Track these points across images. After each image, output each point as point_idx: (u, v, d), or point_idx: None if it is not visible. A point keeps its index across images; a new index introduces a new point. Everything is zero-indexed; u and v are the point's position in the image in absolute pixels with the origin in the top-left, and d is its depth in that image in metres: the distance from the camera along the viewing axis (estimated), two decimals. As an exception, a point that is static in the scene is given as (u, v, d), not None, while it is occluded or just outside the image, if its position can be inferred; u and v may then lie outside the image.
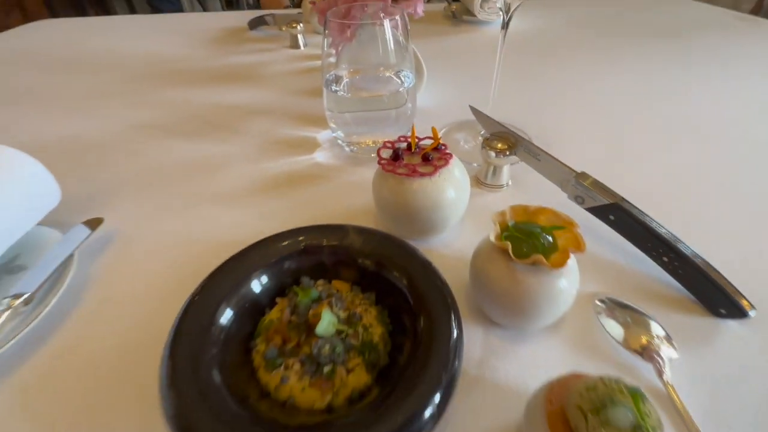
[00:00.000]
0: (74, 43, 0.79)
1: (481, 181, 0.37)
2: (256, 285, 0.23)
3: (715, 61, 0.62)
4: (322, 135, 0.45)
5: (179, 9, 1.84)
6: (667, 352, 0.23)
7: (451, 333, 0.20)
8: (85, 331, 0.25)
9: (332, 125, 0.41)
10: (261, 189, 0.38)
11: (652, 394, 0.19)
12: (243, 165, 0.41)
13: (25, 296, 0.25)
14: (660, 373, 0.22)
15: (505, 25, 0.36)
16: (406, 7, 0.37)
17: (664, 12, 0.86)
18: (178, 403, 0.17)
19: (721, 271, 0.24)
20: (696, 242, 0.26)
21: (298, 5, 1.13)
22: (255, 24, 0.82)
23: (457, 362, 0.19)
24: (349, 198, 0.36)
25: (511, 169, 0.37)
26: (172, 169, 0.41)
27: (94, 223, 0.31)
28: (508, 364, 0.23)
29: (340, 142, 0.42)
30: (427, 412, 0.17)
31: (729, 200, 0.35)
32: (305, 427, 0.17)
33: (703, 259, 0.25)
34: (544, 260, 0.20)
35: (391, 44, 0.37)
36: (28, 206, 0.30)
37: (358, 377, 0.19)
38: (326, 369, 0.19)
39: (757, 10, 1.59)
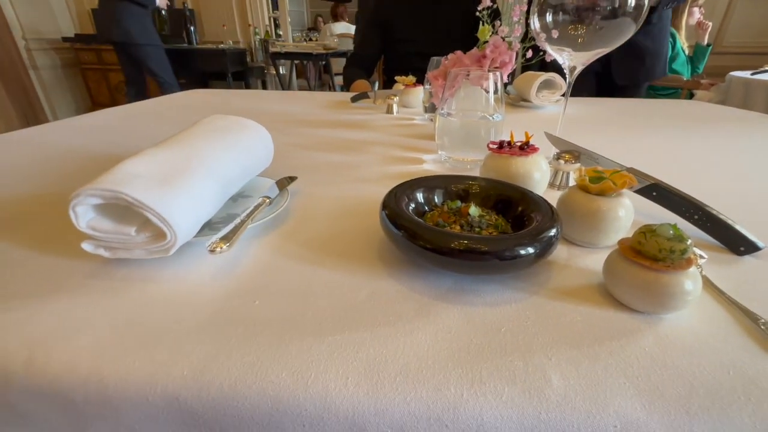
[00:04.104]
0: (225, 102, 1.08)
1: (553, 184, 0.50)
2: (427, 194, 0.37)
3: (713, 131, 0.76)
4: (426, 156, 0.62)
5: None
6: (704, 262, 0.33)
7: (552, 212, 0.32)
8: (300, 223, 0.40)
9: (439, 144, 0.58)
10: (387, 178, 0.53)
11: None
12: (372, 167, 0.57)
13: (270, 198, 0.40)
14: (701, 271, 0.32)
15: (570, 85, 0.53)
16: (502, 70, 0.55)
17: (683, 109, 1.04)
18: (396, 229, 0.30)
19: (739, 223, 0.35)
20: (716, 206, 0.37)
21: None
22: (357, 98, 1.08)
23: (557, 226, 0.30)
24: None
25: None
26: (325, 165, 0.58)
27: (292, 178, 0.47)
28: (583, 262, 0.34)
29: (443, 158, 0.58)
30: (530, 249, 0.28)
31: (731, 191, 0.46)
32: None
33: (724, 215, 0.36)
34: (611, 184, 0.33)
35: (490, 96, 0.54)
36: (258, 162, 0.46)
37: (492, 234, 0.32)
38: (476, 230, 0.32)
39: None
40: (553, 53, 0.50)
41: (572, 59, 0.50)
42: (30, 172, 0.54)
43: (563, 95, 1.02)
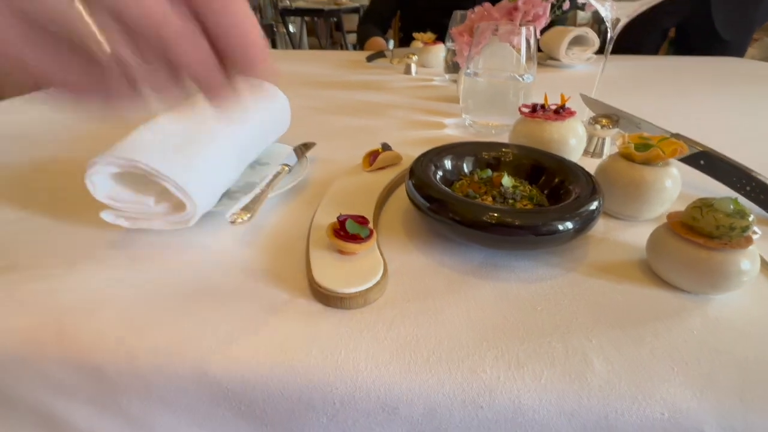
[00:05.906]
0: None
1: (587, 151, 0.47)
2: (456, 162, 0.35)
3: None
4: (448, 120, 0.59)
5: None
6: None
7: (593, 183, 0.29)
8: (319, 192, 0.38)
9: (463, 107, 0.54)
10: (408, 144, 0.50)
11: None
12: (392, 132, 0.55)
13: (290, 166, 0.38)
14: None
15: (611, 40, 0.48)
16: (535, 24, 0.51)
17: (731, 68, 0.95)
18: (424, 200, 0.28)
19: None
20: (774, 178, 0.34)
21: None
22: (373, 58, 1.03)
23: (599, 199, 0.28)
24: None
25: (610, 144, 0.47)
26: (343, 130, 0.55)
27: (310, 144, 0.45)
28: (623, 236, 0.32)
29: (467, 122, 0.55)
30: (569, 224, 0.26)
31: None
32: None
33: (780, 186, 0.33)
34: (659, 152, 0.30)
35: (522, 54, 0.50)
36: (276, 127, 0.44)
37: (526, 206, 0.30)
38: (510, 202, 0.30)
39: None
40: (594, 3, 0.45)
41: (616, 10, 0.45)
42: (42, 138, 0.53)
43: (596, 53, 0.95)
